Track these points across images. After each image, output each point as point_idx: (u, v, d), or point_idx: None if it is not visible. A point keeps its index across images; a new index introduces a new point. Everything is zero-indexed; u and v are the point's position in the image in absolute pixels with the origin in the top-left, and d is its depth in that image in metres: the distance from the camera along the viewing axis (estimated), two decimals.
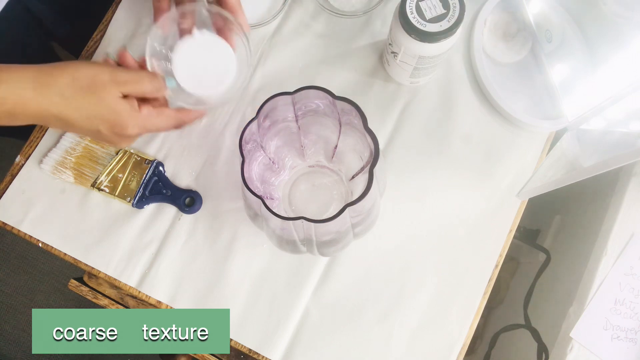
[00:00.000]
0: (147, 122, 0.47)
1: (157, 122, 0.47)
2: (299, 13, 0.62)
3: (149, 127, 0.47)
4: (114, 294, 0.61)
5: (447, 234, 0.58)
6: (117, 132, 0.45)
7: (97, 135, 0.46)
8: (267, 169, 0.53)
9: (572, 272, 0.68)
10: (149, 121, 0.47)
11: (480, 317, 0.56)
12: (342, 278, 0.57)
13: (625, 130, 0.50)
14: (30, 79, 0.42)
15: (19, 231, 0.58)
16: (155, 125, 0.48)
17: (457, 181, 0.59)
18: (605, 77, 0.56)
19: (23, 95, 0.41)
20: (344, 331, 0.56)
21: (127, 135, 0.46)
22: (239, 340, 0.56)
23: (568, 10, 0.60)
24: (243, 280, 0.57)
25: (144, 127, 0.47)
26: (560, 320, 0.64)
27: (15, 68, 0.42)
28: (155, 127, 0.48)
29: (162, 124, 0.48)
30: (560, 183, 0.50)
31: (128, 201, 0.57)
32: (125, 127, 0.45)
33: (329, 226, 0.41)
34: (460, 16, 0.47)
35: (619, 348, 0.60)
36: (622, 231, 0.62)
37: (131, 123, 0.45)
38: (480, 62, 0.59)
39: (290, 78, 0.59)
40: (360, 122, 0.41)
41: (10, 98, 0.41)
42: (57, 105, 0.42)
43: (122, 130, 0.45)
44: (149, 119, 0.47)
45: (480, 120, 0.60)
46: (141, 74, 0.46)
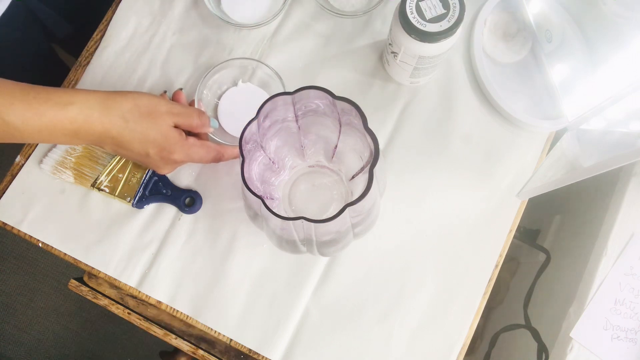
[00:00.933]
0: (192, 151, 0.51)
1: (200, 152, 0.52)
2: (299, 13, 0.62)
3: (192, 156, 0.51)
4: (114, 294, 0.61)
5: (447, 234, 0.58)
6: (164, 157, 0.50)
7: (144, 159, 0.50)
8: (267, 169, 0.53)
9: (572, 272, 0.68)
10: (193, 150, 0.51)
11: (480, 317, 0.56)
12: (342, 278, 0.57)
13: (625, 130, 0.50)
14: (98, 102, 0.46)
15: (19, 231, 0.58)
16: (198, 155, 0.52)
17: (457, 181, 0.59)
18: (605, 77, 0.56)
19: (90, 116, 0.45)
20: (344, 331, 0.56)
21: (173, 160, 0.50)
22: (239, 340, 0.56)
23: (568, 10, 0.60)
24: (243, 280, 0.57)
25: (188, 154, 0.51)
26: (560, 320, 0.64)
27: (84, 92, 0.46)
28: (198, 156, 0.52)
29: (204, 154, 0.52)
30: (560, 183, 0.50)
31: (128, 201, 0.57)
32: (172, 152, 0.49)
33: (329, 226, 0.41)
34: (460, 16, 0.47)
35: (619, 348, 0.60)
36: (622, 231, 0.62)
37: (178, 149, 0.50)
38: (480, 62, 0.59)
39: (290, 78, 0.59)
40: (360, 122, 0.41)
41: (79, 118, 0.45)
42: (118, 127, 0.47)
43: (169, 155, 0.50)
44: (193, 148, 0.51)
45: (480, 120, 0.60)
46: (192, 109, 0.52)
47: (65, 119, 0.44)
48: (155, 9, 0.62)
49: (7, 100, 0.42)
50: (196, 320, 0.56)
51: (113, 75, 0.60)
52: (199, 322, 0.56)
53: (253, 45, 0.61)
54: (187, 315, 0.56)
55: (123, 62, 0.61)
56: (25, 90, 0.44)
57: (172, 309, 0.57)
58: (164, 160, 0.50)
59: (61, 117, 0.44)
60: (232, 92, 0.59)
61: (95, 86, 0.60)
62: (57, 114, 0.44)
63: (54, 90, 0.45)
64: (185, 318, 0.56)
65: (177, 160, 0.51)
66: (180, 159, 0.51)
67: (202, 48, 0.61)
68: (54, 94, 0.45)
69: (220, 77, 0.60)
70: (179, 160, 0.51)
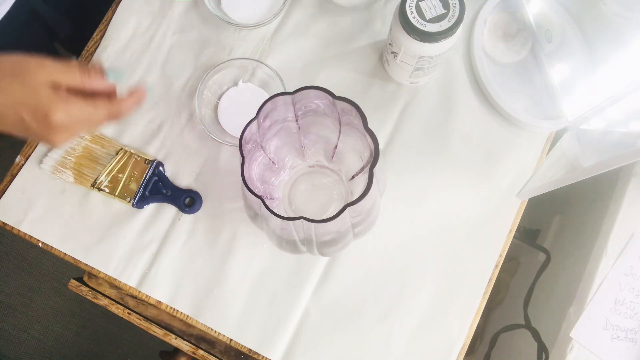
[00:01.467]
0: (72, 107, 0.43)
1: (84, 109, 0.44)
2: (299, 13, 0.62)
3: (75, 113, 0.44)
4: (114, 294, 0.61)
5: (447, 234, 0.58)
6: (41, 120, 0.43)
7: (22, 127, 0.43)
8: (267, 169, 0.53)
9: (572, 272, 0.68)
10: (73, 107, 0.43)
11: (480, 317, 0.56)
12: (342, 278, 0.57)
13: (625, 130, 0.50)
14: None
15: (19, 231, 0.58)
16: (83, 112, 0.44)
17: (457, 181, 0.59)
18: (605, 77, 0.56)
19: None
20: (344, 331, 0.56)
21: (53, 123, 0.43)
22: (239, 340, 0.56)
23: (568, 10, 0.60)
24: (243, 280, 0.57)
25: (69, 113, 0.43)
26: (560, 320, 0.64)
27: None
28: (83, 114, 0.44)
29: (90, 111, 0.44)
30: (560, 183, 0.50)
31: (128, 201, 0.57)
32: (49, 112, 0.42)
33: (329, 226, 0.41)
34: (460, 16, 0.47)
35: (619, 348, 0.60)
36: (622, 231, 0.62)
37: (54, 108, 0.42)
38: (480, 62, 0.59)
39: (290, 78, 0.59)
40: (360, 122, 0.41)
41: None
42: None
43: (45, 117, 0.42)
44: (73, 105, 0.43)
45: (480, 120, 0.60)
46: (71, 63, 0.44)
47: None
48: (155, 9, 0.62)
49: None
50: (196, 320, 0.56)
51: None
52: (199, 322, 0.56)
53: (253, 45, 0.61)
54: (187, 315, 0.56)
55: (123, 62, 0.61)
56: None
57: (172, 309, 0.57)
58: (43, 125, 0.43)
59: None
60: (232, 92, 0.59)
61: None
62: None
63: None
64: (185, 318, 0.56)
65: (57, 123, 0.43)
66: (60, 119, 0.43)
67: (202, 48, 0.61)
68: None
69: (220, 77, 0.60)
70: (59, 123, 0.43)
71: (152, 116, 0.60)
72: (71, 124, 0.44)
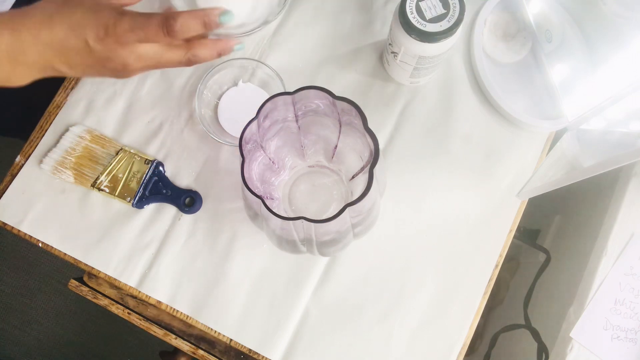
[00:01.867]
0: (139, 19, 0.39)
1: (151, 22, 0.40)
2: (299, 13, 0.62)
3: (143, 24, 0.39)
4: (114, 294, 0.61)
5: (447, 234, 0.58)
6: (110, 34, 0.39)
7: (88, 54, 0.40)
8: (267, 169, 0.53)
9: (572, 272, 0.68)
10: (141, 18, 0.40)
11: (480, 317, 0.56)
12: (342, 278, 0.57)
13: (625, 130, 0.50)
14: (10, 14, 0.39)
15: (19, 231, 0.58)
16: (149, 27, 0.40)
17: (457, 181, 0.59)
18: (605, 77, 0.56)
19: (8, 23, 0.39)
20: (344, 331, 0.56)
21: (122, 35, 0.39)
22: (239, 340, 0.56)
23: (568, 10, 0.60)
24: (243, 280, 0.57)
25: (136, 23, 0.39)
26: (560, 320, 0.64)
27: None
28: (150, 29, 0.40)
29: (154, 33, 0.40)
30: (560, 183, 0.50)
31: (128, 201, 0.57)
32: (115, 24, 0.39)
33: (329, 226, 0.41)
34: (460, 16, 0.47)
35: (619, 348, 0.60)
36: (622, 231, 0.62)
37: (119, 19, 0.39)
38: (480, 62, 0.59)
39: (290, 78, 0.59)
40: (360, 122, 0.41)
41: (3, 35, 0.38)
42: (43, 23, 0.39)
43: (113, 30, 0.39)
44: (140, 16, 0.40)
45: (480, 120, 0.60)
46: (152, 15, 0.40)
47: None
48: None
49: None
50: (196, 320, 0.56)
51: None
52: (199, 322, 0.56)
53: (253, 45, 0.61)
54: (187, 315, 0.56)
55: None
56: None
57: (172, 309, 0.57)
58: (112, 42, 0.39)
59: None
60: (232, 92, 0.59)
61: (95, 85, 0.60)
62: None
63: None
64: (185, 318, 0.56)
65: (127, 35, 0.39)
66: (128, 28, 0.39)
67: None
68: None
69: (220, 77, 0.60)
70: (129, 33, 0.39)
71: (152, 116, 0.60)
72: (140, 36, 0.40)
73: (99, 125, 0.60)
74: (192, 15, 0.41)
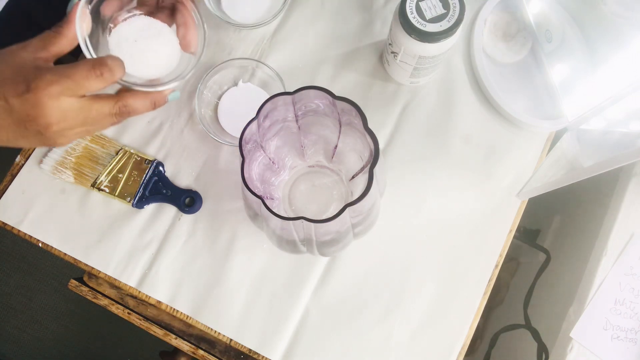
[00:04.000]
0: (65, 69, 0.36)
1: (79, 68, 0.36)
2: (299, 13, 0.62)
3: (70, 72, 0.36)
4: (114, 294, 0.61)
5: (447, 234, 0.58)
6: (32, 89, 0.35)
7: (9, 113, 0.35)
8: (267, 169, 0.53)
9: (572, 272, 0.68)
10: (66, 67, 0.36)
11: (480, 317, 0.56)
12: (342, 278, 0.57)
13: (625, 130, 0.50)
14: None
15: (19, 231, 0.58)
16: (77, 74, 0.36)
17: (457, 181, 0.59)
18: (605, 77, 0.56)
19: None
20: (344, 331, 0.56)
21: (45, 88, 0.35)
22: (239, 340, 0.56)
23: (568, 10, 0.60)
24: (243, 280, 0.57)
25: (62, 73, 0.35)
26: (560, 320, 0.64)
27: None
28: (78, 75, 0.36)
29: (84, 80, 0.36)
30: (560, 183, 0.50)
31: (128, 201, 0.57)
32: (36, 77, 0.35)
33: (329, 226, 0.41)
34: (460, 16, 0.47)
35: (619, 348, 0.60)
36: (622, 231, 0.62)
37: (42, 71, 0.35)
38: (480, 62, 0.59)
39: (290, 78, 0.59)
40: (360, 122, 0.41)
41: None
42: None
43: (35, 83, 0.35)
44: (65, 66, 0.36)
45: (480, 120, 0.60)
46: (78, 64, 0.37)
47: None
48: None
49: None
50: (196, 320, 0.56)
51: None
52: (199, 322, 0.56)
53: (253, 45, 0.61)
54: (187, 315, 0.56)
55: None
56: None
57: (172, 309, 0.57)
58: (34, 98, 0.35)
59: None
60: (232, 92, 0.59)
61: None
62: None
63: None
64: (185, 318, 0.56)
65: (52, 90, 0.35)
66: (56, 90, 0.35)
67: None
68: None
69: (220, 77, 0.60)
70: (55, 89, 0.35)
71: (152, 116, 0.60)
72: (66, 97, 0.36)
73: None
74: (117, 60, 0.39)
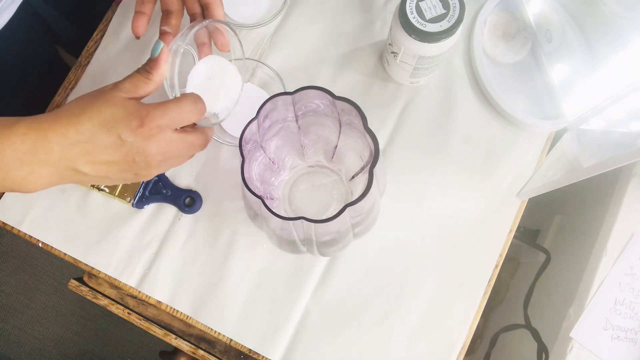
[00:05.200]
0: (171, 104, 0.41)
1: (184, 103, 0.42)
2: (299, 13, 0.62)
3: (175, 116, 0.41)
4: (114, 294, 0.61)
5: (447, 234, 0.58)
6: (145, 124, 0.39)
7: (118, 148, 0.39)
8: (267, 169, 0.53)
9: (572, 272, 0.68)
10: (171, 103, 0.41)
11: (480, 317, 0.56)
12: (342, 278, 0.57)
13: (625, 130, 0.50)
14: (46, 115, 0.39)
15: (19, 231, 0.58)
16: (183, 109, 0.41)
17: (457, 181, 0.59)
18: (605, 77, 0.56)
19: (42, 125, 0.38)
20: (344, 331, 0.56)
21: (157, 121, 0.40)
22: (239, 340, 0.56)
23: (568, 10, 0.60)
24: (243, 280, 0.57)
25: (169, 109, 0.41)
26: (560, 320, 0.64)
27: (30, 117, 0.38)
28: (184, 110, 0.42)
29: (187, 114, 0.42)
30: (560, 183, 0.50)
31: (128, 201, 0.57)
32: (149, 114, 0.39)
33: (329, 226, 0.41)
34: (460, 16, 0.47)
35: (619, 348, 0.60)
36: (622, 231, 0.62)
37: (151, 108, 0.40)
38: (480, 62, 0.59)
39: (290, 78, 0.59)
40: (360, 122, 0.41)
41: (30, 132, 0.37)
42: (71, 123, 0.38)
43: (148, 119, 0.39)
44: (170, 102, 0.41)
45: (480, 120, 0.60)
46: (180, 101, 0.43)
47: (15, 135, 0.37)
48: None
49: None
50: (196, 320, 0.56)
51: (112, 75, 0.60)
52: (199, 322, 0.56)
53: (253, 45, 0.61)
54: (187, 315, 0.56)
55: (123, 62, 0.61)
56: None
57: (172, 309, 0.57)
58: (148, 131, 0.39)
59: (9, 134, 0.37)
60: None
61: (95, 86, 0.60)
62: (4, 131, 0.37)
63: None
64: (185, 318, 0.56)
65: (161, 126, 0.40)
66: (162, 119, 0.40)
67: None
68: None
69: None
70: (163, 125, 0.40)
71: None
72: (170, 136, 0.41)
73: None
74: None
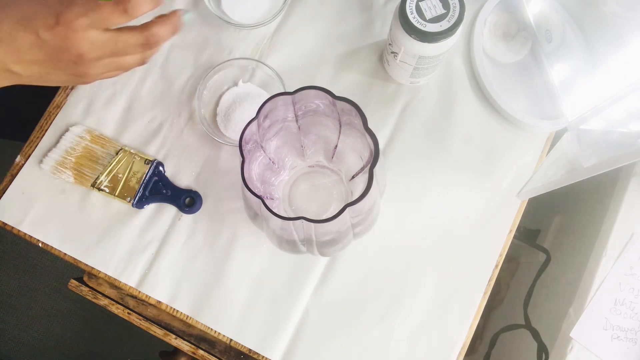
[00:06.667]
0: (91, 3, 0.37)
1: (104, 3, 0.38)
2: (299, 13, 0.62)
3: (96, 5, 0.37)
4: (114, 294, 0.61)
5: (447, 234, 0.58)
6: (61, 22, 0.37)
7: (39, 47, 0.37)
8: (267, 169, 0.53)
9: (572, 272, 0.68)
10: (92, 2, 0.37)
11: (480, 317, 0.56)
12: (342, 278, 0.57)
13: (625, 130, 0.50)
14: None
15: (19, 231, 0.58)
16: (103, 8, 0.38)
17: (457, 181, 0.59)
18: (605, 77, 0.56)
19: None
20: (344, 331, 0.56)
21: (74, 21, 0.37)
22: (239, 340, 0.56)
23: (568, 10, 0.60)
24: (243, 280, 0.57)
25: (89, 6, 0.37)
26: (560, 320, 0.64)
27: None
28: (104, 10, 0.38)
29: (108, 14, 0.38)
30: (560, 183, 0.50)
31: (128, 201, 0.57)
32: (65, 11, 0.37)
33: (329, 226, 0.41)
34: (460, 16, 0.47)
35: (619, 348, 0.60)
36: (622, 231, 0.62)
37: (69, 4, 0.37)
38: (480, 62, 0.59)
39: (290, 78, 0.59)
40: (360, 122, 0.41)
41: None
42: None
43: (64, 17, 0.36)
44: (91, 3, 0.37)
45: (480, 120, 0.60)
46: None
47: None
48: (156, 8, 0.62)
49: None
50: (196, 320, 0.56)
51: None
52: (199, 322, 0.56)
53: (253, 45, 0.61)
54: (187, 315, 0.56)
55: None
56: None
57: (172, 309, 0.57)
58: (65, 30, 0.37)
59: None
60: (232, 92, 0.59)
61: (94, 85, 0.60)
62: None
63: None
64: (185, 318, 0.56)
65: (81, 22, 0.37)
66: (84, 22, 0.37)
67: (202, 48, 0.61)
68: None
69: (220, 77, 0.60)
70: (83, 22, 0.37)
71: (152, 116, 0.60)
72: (94, 29, 0.38)
73: (98, 125, 0.60)
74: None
